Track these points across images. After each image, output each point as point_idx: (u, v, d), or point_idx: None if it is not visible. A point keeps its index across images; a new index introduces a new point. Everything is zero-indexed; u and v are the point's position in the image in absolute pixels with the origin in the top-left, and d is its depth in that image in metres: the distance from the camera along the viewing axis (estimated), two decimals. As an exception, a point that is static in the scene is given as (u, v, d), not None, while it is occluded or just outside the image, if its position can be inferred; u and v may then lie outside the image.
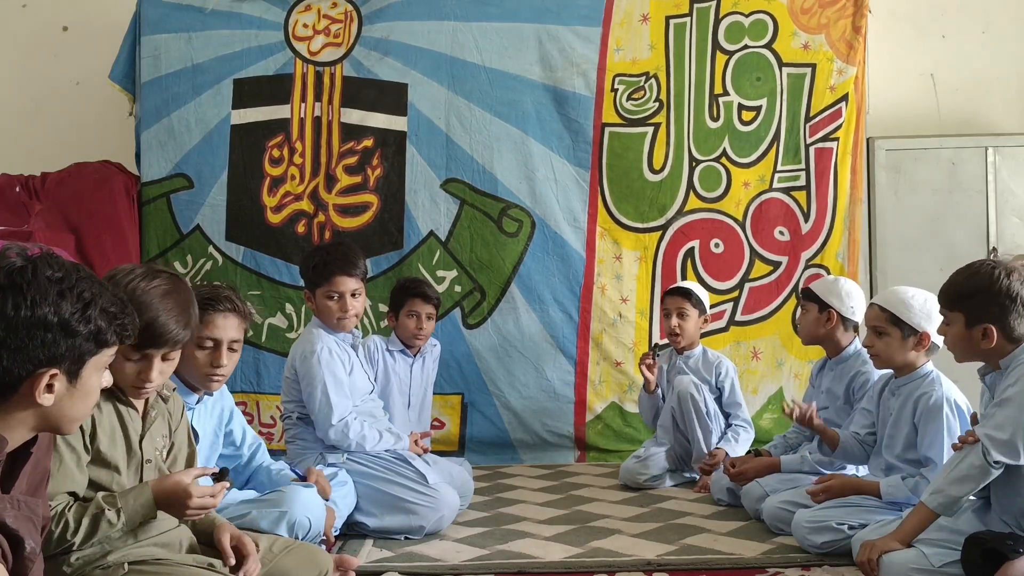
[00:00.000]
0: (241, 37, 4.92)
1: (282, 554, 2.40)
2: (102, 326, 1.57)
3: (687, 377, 4.20)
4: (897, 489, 3.02)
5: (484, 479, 4.33)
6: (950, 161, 5.20)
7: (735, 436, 4.17)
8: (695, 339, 4.33)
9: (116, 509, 2.05)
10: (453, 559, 3.08)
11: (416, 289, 4.15)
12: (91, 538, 2.02)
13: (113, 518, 2.03)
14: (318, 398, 3.47)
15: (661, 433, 4.28)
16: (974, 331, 2.59)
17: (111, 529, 2.03)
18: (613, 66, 4.88)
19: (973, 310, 2.59)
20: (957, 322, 2.63)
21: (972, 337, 2.60)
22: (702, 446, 4.11)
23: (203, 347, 2.63)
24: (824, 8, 4.88)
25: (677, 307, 4.26)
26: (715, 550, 3.12)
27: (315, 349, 3.50)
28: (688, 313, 4.26)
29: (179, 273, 2.25)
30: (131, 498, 2.08)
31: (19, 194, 4.74)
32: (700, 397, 4.13)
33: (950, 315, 2.65)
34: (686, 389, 4.13)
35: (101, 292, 1.58)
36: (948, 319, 2.67)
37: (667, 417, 4.23)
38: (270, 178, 4.90)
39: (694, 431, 4.12)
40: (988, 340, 2.57)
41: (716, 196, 4.90)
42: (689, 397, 4.12)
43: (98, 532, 2.02)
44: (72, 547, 2.01)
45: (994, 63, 5.46)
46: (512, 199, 4.86)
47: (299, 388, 3.54)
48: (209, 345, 2.64)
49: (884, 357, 3.12)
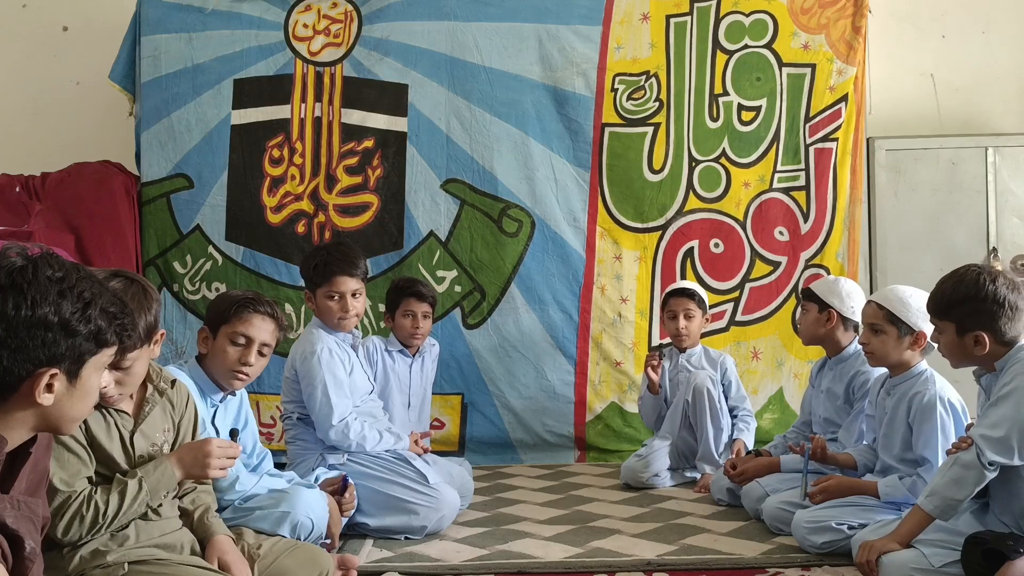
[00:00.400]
0: (241, 37, 4.92)
1: (283, 554, 2.40)
2: (102, 326, 1.57)
3: (704, 372, 4.23)
4: (895, 489, 3.02)
5: (484, 479, 4.33)
6: (950, 161, 5.20)
7: (747, 427, 4.22)
8: (697, 337, 4.37)
9: (137, 479, 2.14)
10: (453, 559, 3.08)
11: (410, 288, 4.15)
12: (120, 513, 2.10)
13: (135, 488, 2.12)
14: (318, 398, 3.46)
15: (666, 428, 4.28)
16: (966, 339, 2.60)
17: (136, 501, 2.12)
18: (613, 65, 4.89)
19: (963, 319, 2.59)
20: (948, 331, 2.63)
21: (964, 344, 2.60)
22: (711, 443, 4.11)
23: (236, 343, 2.75)
24: (824, 8, 4.88)
25: (684, 308, 4.29)
26: (715, 550, 3.12)
27: (315, 349, 3.49)
28: (693, 313, 4.30)
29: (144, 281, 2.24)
30: (151, 468, 2.18)
31: (19, 194, 4.74)
32: (716, 393, 4.15)
33: (941, 324, 2.65)
34: (703, 384, 4.15)
35: (101, 292, 1.58)
36: (939, 328, 2.67)
37: (676, 412, 4.23)
38: (270, 178, 4.90)
39: (705, 427, 4.12)
40: (981, 347, 2.57)
41: (716, 196, 4.90)
42: (706, 392, 4.13)
43: (124, 504, 2.10)
44: (102, 527, 2.08)
45: (994, 63, 5.47)
46: (512, 199, 4.86)
47: (299, 388, 3.54)
48: (241, 342, 2.75)
49: (879, 355, 3.13)
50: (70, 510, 2.05)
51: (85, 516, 2.06)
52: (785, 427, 4.31)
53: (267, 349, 2.83)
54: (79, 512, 2.06)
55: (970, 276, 2.60)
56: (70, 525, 2.05)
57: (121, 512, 2.10)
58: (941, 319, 2.65)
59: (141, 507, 2.15)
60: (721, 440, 4.14)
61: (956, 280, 2.63)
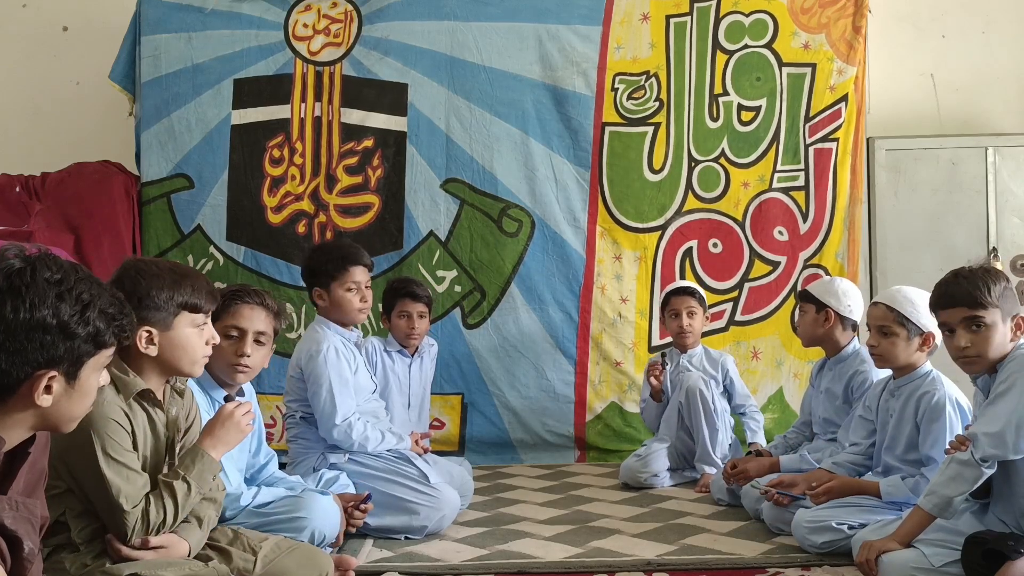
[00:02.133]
0: (241, 37, 4.92)
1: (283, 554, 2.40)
2: (100, 327, 1.57)
3: (696, 373, 4.23)
4: (897, 488, 3.01)
5: (484, 479, 4.33)
6: (950, 161, 5.20)
7: (757, 426, 4.26)
8: (699, 337, 4.38)
9: (181, 478, 2.19)
10: (453, 559, 3.08)
11: (405, 289, 4.15)
12: (178, 514, 2.17)
13: (183, 487, 2.18)
14: (323, 397, 3.47)
15: (664, 429, 4.28)
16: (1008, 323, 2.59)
17: (189, 499, 2.19)
18: (613, 65, 4.89)
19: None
20: (995, 317, 2.59)
21: (1007, 331, 2.59)
22: (707, 444, 4.10)
23: (228, 336, 2.76)
24: (824, 8, 4.88)
25: (687, 306, 4.30)
26: (715, 550, 3.12)
27: (321, 348, 3.50)
28: (696, 311, 4.31)
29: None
30: (189, 463, 2.22)
31: (19, 194, 4.74)
32: (709, 394, 4.15)
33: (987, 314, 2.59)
34: (695, 385, 4.15)
35: (100, 293, 1.58)
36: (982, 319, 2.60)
37: (672, 414, 4.23)
38: (270, 178, 4.90)
39: (700, 429, 4.12)
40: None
41: (715, 196, 4.90)
42: (698, 393, 4.12)
43: (180, 505, 2.16)
44: (165, 529, 2.16)
45: (994, 63, 5.47)
46: (512, 199, 4.86)
47: (303, 387, 3.54)
48: (234, 334, 2.77)
49: (889, 357, 3.11)
50: (138, 522, 2.11)
51: (151, 522, 2.12)
52: (785, 427, 4.31)
53: (264, 338, 2.82)
54: (145, 521, 2.12)
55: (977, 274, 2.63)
56: (137, 530, 2.12)
57: (180, 512, 2.18)
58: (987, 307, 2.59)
59: (196, 499, 2.22)
60: (717, 440, 4.13)
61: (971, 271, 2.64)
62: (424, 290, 4.21)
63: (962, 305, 2.60)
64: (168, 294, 2.21)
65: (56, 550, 2.11)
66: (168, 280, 2.22)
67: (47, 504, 1.73)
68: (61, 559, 2.10)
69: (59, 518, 2.10)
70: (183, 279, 2.25)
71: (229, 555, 2.33)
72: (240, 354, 2.76)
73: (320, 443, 3.54)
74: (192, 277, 2.28)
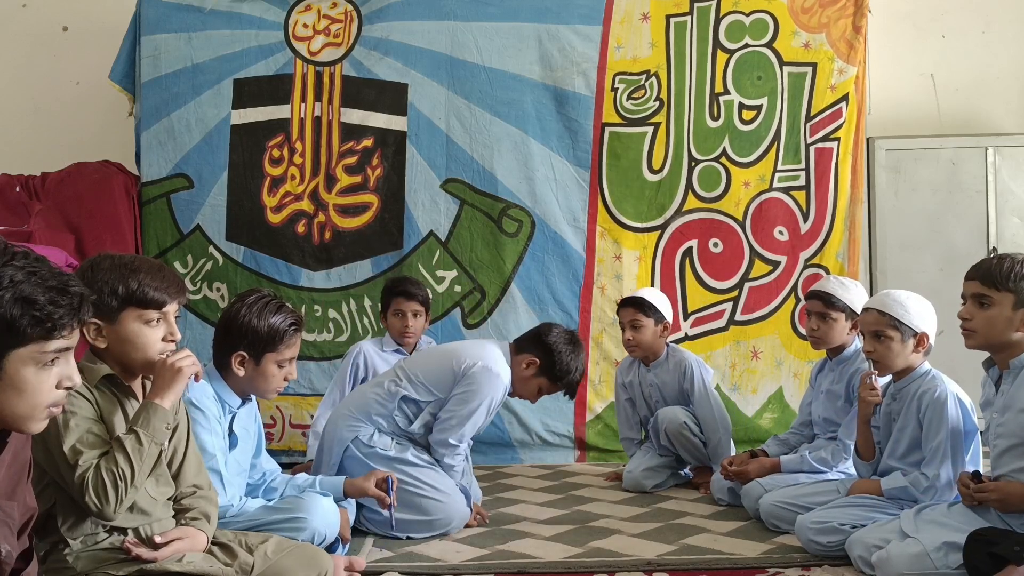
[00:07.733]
0: (241, 37, 4.92)
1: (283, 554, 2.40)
2: (15, 314, 1.41)
3: (669, 411, 4.06)
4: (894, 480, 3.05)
5: (484, 479, 4.33)
6: (950, 161, 5.20)
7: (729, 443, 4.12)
8: (656, 348, 4.14)
9: (128, 430, 2.12)
10: (453, 559, 3.08)
11: (399, 288, 4.13)
12: (134, 466, 2.07)
13: (133, 440, 2.09)
14: (470, 409, 3.38)
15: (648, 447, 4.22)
16: (1018, 313, 2.59)
17: (142, 450, 2.09)
18: (613, 64, 4.88)
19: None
20: (1004, 303, 2.60)
21: (1014, 320, 2.60)
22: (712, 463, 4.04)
23: (282, 366, 2.82)
24: (824, 7, 4.88)
25: (630, 319, 4.10)
26: (715, 550, 3.12)
27: (498, 371, 3.43)
28: (642, 324, 4.07)
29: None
30: (137, 417, 2.15)
31: (19, 194, 4.74)
32: (692, 426, 4.04)
33: (996, 295, 2.61)
34: (675, 425, 4.01)
35: (26, 278, 1.42)
36: (991, 299, 2.62)
37: (654, 444, 4.16)
38: (270, 178, 4.90)
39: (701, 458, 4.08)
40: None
41: (715, 196, 4.90)
42: (681, 429, 4.01)
43: (132, 457, 2.07)
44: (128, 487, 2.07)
45: (994, 63, 5.47)
46: (512, 199, 4.86)
47: (446, 382, 3.42)
48: (286, 364, 2.83)
49: (886, 361, 3.11)
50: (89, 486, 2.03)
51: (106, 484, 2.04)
52: (785, 427, 4.30)
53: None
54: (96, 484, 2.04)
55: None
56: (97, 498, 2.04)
57: (137, 466, 2.08)
58: (999, 290, 2.62)
59: (152, 450, 2.12)
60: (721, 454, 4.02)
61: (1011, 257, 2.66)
62: (419, 289, 4.19)
63: (977, 280, 2.66)
64: (112, 287, 2.14)
65: (53, 548, 2.10)
66: (117, 273, 2.16)
67: (35, 497, 1.68)
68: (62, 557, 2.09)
69: (50, 511, 2.08)
70: (133, 273, 2.17)
71: (233, 552, 2.32)
72: (288, 378, 2.85)
73: (395, 430, 3.47)
74: (145, 272, 2.19)
